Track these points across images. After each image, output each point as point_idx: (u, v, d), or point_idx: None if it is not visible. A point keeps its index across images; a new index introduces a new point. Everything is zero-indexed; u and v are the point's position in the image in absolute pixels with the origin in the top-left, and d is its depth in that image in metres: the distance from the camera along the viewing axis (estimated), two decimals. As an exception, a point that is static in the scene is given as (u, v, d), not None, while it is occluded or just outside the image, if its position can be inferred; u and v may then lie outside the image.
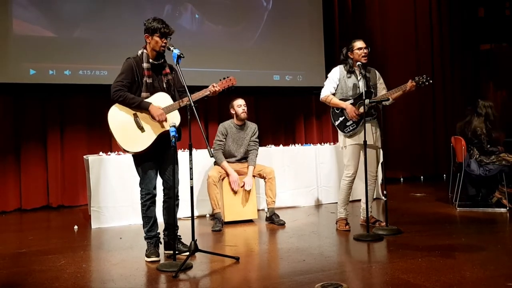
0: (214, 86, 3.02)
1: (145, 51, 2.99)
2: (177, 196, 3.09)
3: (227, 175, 4.09)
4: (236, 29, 5.98)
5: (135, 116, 2.94)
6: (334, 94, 3.71)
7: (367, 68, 3.71)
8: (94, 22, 5.27)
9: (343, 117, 3.66)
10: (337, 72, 3.73)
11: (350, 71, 3.67)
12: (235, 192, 4.10)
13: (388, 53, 6.86)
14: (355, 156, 3.67)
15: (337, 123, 3.69)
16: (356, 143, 3.65)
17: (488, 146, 4.41)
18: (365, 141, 3.49)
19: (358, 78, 3.66)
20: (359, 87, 3.64)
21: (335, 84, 3.71)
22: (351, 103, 3.64)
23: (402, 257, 2.87)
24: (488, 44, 7.50)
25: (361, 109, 3.56)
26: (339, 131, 3.71)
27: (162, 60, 3.03)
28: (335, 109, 3.71)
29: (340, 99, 3.67)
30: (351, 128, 3.63)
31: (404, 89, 3.57)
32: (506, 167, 4.34)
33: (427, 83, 3.58)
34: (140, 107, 2.91)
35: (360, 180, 3.81)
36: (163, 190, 3.10)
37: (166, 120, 2.92)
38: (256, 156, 4.22)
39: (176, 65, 2.93)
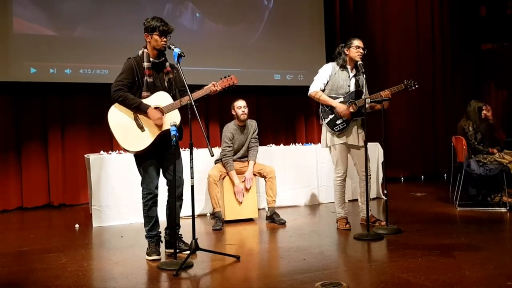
0: (214, 85, 3.01)
1: (145, 50, 2.99)
2: (182, 196, 3.09)
3: (232, 184, 4.10)
4: (236, 28, 5.98)
5: (135, 115, 2.94)
6: (322, 91, 3.68)
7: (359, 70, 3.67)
8: (95, 21, 5.28)
9: (333, 115, 3.64)
10: (329, 68, 3.70)
11: (343, 66, 3.66)
12: (240, 203, 4.11)
13: (389, 52, 6.86)
14: (344, 156, 3.68)
15: (326, 120, 3.65)
16: (344, 142, 3.65)
17: (476, 143, 4.44)
18: (365, 141, 3.49)
19: (350, 77, 3.66)
20: (349, 85, 3.65)
21: (325, 80, 3.68)
22: (340, 101, 3.62)
23: (402, 256, 2.88)
24: (490, 43, 7.49)
25: (351, 109, 3.56)
26: (327, 129, 3.66)
27: (163, 58, 3.02)
28: (324, 107, 3.67)
29: (329, 97, 3.65)
30: (341, 126, 3.62)
31: (379, 97, 3.54)
32: (506, 166, 4.35)
33: (413, 88, 3.60)
34: (139, 109, 2.90)
35: (352, 179, 3.79)
36: (168, 189, 3.11)
37: (162, 124, 2.90)
38: (257, 152, 4.22)
39: (177, 64, 2.93)
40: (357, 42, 3.63)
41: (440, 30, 7.22)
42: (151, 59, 2.97)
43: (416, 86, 3.62)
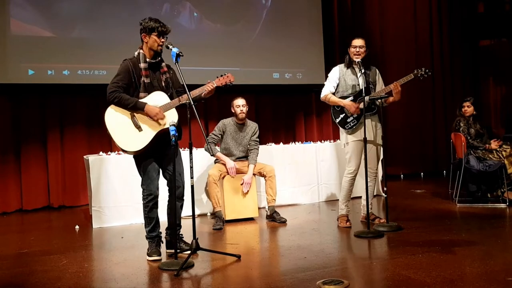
0: (211, 84, 3.00)
1: (141, 51, 2.98)
2: (182, 196, 3.09)
3: (225, 166, 4.09)
4: (235, 27, 5.97)
5: (132, 115, 2.94)
6: (335, 93, 3.75)
7: (368, 66, 3.73)
8: (93, 21, 5.27)
9: (344, 114, 3.69)
10: (337, 71, 3.78)
11: (348, 67, 3.72)
12: (241, 196, 4.10)
13: (388, 49, 6.86)
14: (357, 153, 3.69)
15: (338, 120, 3.72)
16: (358, 139, 3.67)
17: (469, 138, 4.48)
18: (365, 138, 3.50)
19: (358, 75, 3.69)
20: (358, 84, 3.67)
21: (334, 84, 3.75)
22: (351, 100, 3.67)
23: (402, 253, 2.88)
24: (488, 39, 7.49)
25: (361, 105, 3.60)
26: (340, 128, 3.74)
27: (159, 58, 3.02)
28: (335, 107, 3.75)
29: (341, 97, 3.71)
30: (351, 124, 3.67)
31: (389, 89, 3.59)
32: (503, 163, 4.37)
33: (425, 76, 3.61)
34: (136, 107, 2.90)
35: (360, 177, 3.82)
36: (168, 190, 3.10)
37: (163, 118, 2.91)
38: (257, 155, 4.23)
39: (175, 63, 2.92)
40: (353, 42, 3.69)
41: (438, 27, 7.22)
42: (147, 59, 2.97)
43: (429, 73, 3.60)
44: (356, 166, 3.70)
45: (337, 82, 3.74)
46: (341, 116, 3.70)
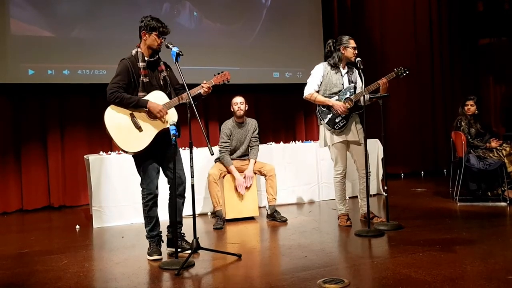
0: (209, 87, 3.00)
1: (139, 50, 2.98)
2: (184, 193, 3.09)
3: (233, 177, 4.10)
4: (235, 27, 5.97)
5: (132, 116, 2.94)
6: (317, 92, 3.69)
7: (350, 66, 3.72)
8: (92, 21, 5.27)
9: (331, 114, 3.64)
10: (321, 69, 3.71)
11: (336, 66, 3.67)
12: (241, 196, 4.12)
13: (387, 48, 6.86)
14: (343, 153, 3.69)
15: (326, 120, 3.66)
16: (343, 140, 3.66)
17: (469, 137, 4.49)
18: (365, 138, 3.51)
19: (342, 74, 3.67)
20: (343, 84, 3.66)
21: (318, 82, 3.69)
22: (336, 100, 3.63)
23: (403, 252, 2.88)
24: (487, 38, 7.49)
25: (347, 105, 3.56)
26: (327, 128, 3.67)
27: (157, 57, 3.03)
28: (321, 107, 3.68)
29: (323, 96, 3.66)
30: (341, 124, 3.63)
31: (377, 85, 3.59)
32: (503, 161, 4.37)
33: (404, 74, 3.63)
34: (139, 105, 2.90)
35: (356, 176, 3.80)
36: (169, 188, 3.10)
37: (166, 115, 2.90)
38: (258, 151, 4.23)
39: (175, 63, 2.93)
40: (352, 43, 3.66)
41: (438, 25, 7.22)
42: (145, 58, 2.97)
43: (407, 72, 3.64)
44: (344, 166, 3.69)
45: (321, 80, 3.68)
46: (329, 116, 3.64)
